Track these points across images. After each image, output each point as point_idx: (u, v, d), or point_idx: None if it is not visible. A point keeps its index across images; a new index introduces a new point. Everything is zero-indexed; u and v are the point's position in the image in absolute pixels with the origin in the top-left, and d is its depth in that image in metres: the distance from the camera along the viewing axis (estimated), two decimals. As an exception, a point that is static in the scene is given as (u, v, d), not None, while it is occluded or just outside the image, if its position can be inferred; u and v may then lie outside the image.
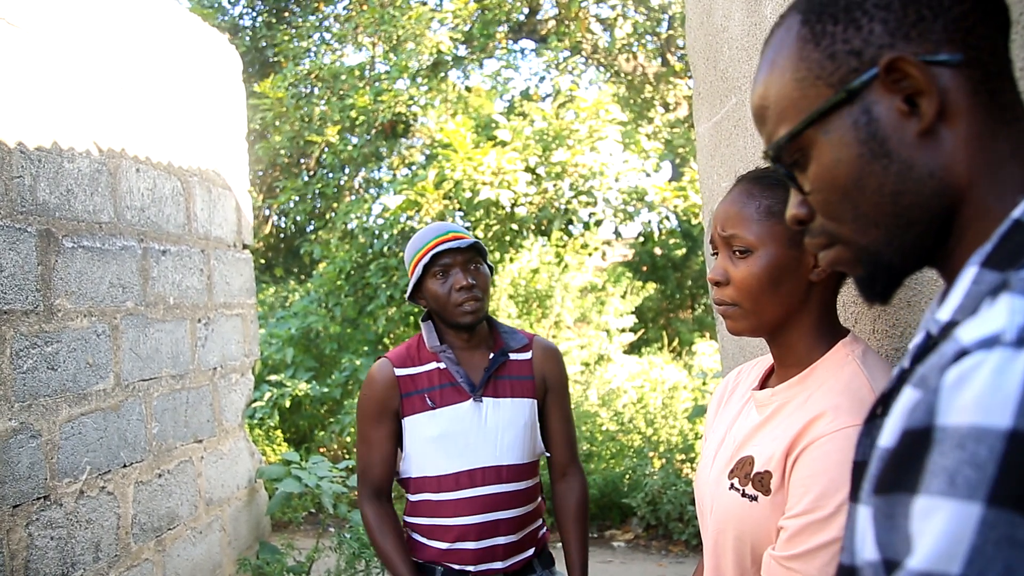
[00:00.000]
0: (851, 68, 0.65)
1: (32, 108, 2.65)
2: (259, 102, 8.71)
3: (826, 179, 0.68)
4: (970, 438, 0.47)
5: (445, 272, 1.84)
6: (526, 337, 1.97)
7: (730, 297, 1.10)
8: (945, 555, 0.46)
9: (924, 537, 0.48)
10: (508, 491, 1.83)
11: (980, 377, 0.48)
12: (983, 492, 0.46)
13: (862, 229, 0.68)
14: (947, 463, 0.48)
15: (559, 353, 2.01)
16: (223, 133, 4.20)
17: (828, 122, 0.67)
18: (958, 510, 0.46)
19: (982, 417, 0.47)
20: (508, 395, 1.87)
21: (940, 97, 0.62)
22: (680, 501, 4.78)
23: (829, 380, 1.05)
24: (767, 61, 0.72)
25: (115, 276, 3.04)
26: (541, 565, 1.93)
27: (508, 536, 1.84)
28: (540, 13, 11.09)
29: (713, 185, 1.95)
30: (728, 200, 1.11)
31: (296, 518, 4.98)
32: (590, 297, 7.68)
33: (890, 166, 0.65)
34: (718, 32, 1.86)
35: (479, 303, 1.84)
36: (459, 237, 1.86)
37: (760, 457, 1.07)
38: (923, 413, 0.51)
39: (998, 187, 0.63)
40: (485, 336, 1.94)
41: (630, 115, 9.19)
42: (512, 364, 1.91)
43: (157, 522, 3.23)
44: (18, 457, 2.46)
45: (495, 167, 6.77)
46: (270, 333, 7.55)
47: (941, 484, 0.48)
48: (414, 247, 1.90)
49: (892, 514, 0.52)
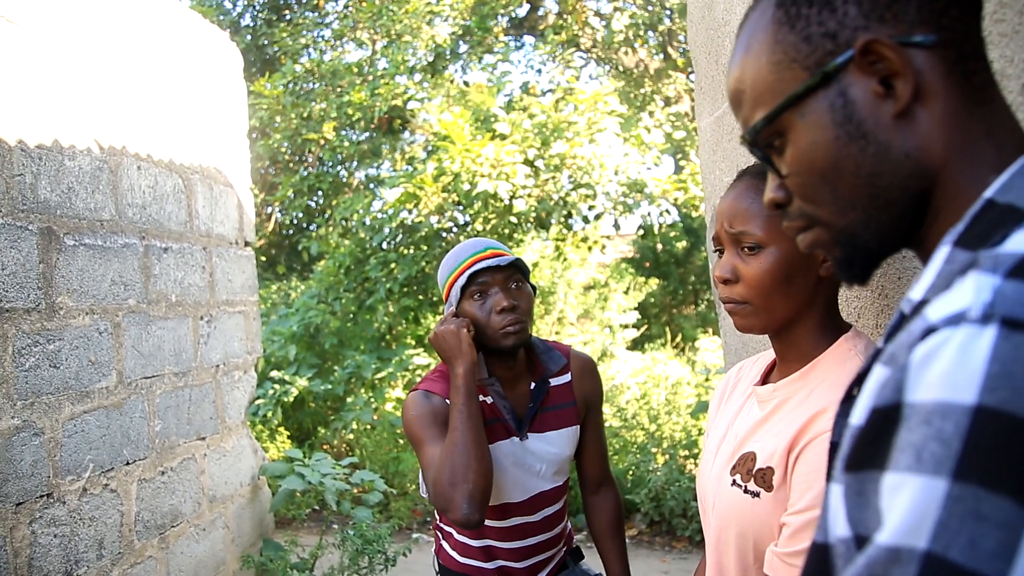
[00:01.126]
0: (827, 51, 0.65)
1: (33, 106, 2.64)
2: (257, 101, 8.71)
3: (803, 162, 0.69)
4: (936, 414, 0.48)
5: (483, 293, 1.69)
6: (563, 354, 1.86)
7: (740, 295, 1.08)
8: (912, 529, 0.47)
9: (892, 512, 0.49)
10: (547, 515, 1.81)
11: (946, 354, 0.49)
12: (948, 467, 0.46)
13: (840, 211, 0.68)
14: (914, 439, 0.49)
15: (595, 367, 1.92)
16: (224, 130, 4.20)
17: (804, 105, 0.67)
18: (924, 485, 0.47)
19: (948, 393, 0.48)
20: (553, 427, 1.79)
21: (915, 79, 0.63)
22: (683, 497, 4.78)
23: (831, 375, 1.04)
24: (742, 45, 0.72)
25: (117, 274, 3.03)
26: (572, 560, 1.92)
27: (546, 552, 1.83)
28: (540, 10, 11.07)
29: (715, 180, 1.94)
30: (733, 196, 1.09)
31: (299, 515, 4.99)
32: (593, 293, 7.68)
33: (867, 148, 0.65)
34: (720, 26, 1.85)
35: (523, 324, 1.68)
36: (498, 254, 1.71)
37: (762, 453, 1.07)
38: (891, 390, 0.52)
39: (972, 167, 0.64)
40: (524, 361, 1.81)
41: (631, 109, 9.16)
42: (554, 391, 1.81)
43: (160, 519, 3.24)
44: (21, 455, 2.47)
45: (493, 159, 6.75)
46: (272, 330, 7.55)
47: (908, 460, 0.49)
48: (448, 267, 1.75)
49: (863, 491, 0.53)
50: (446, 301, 1.75)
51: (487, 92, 8.07)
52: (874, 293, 1.29)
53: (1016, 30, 0.93)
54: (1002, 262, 0.52)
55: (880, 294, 1.27)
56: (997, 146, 0.64)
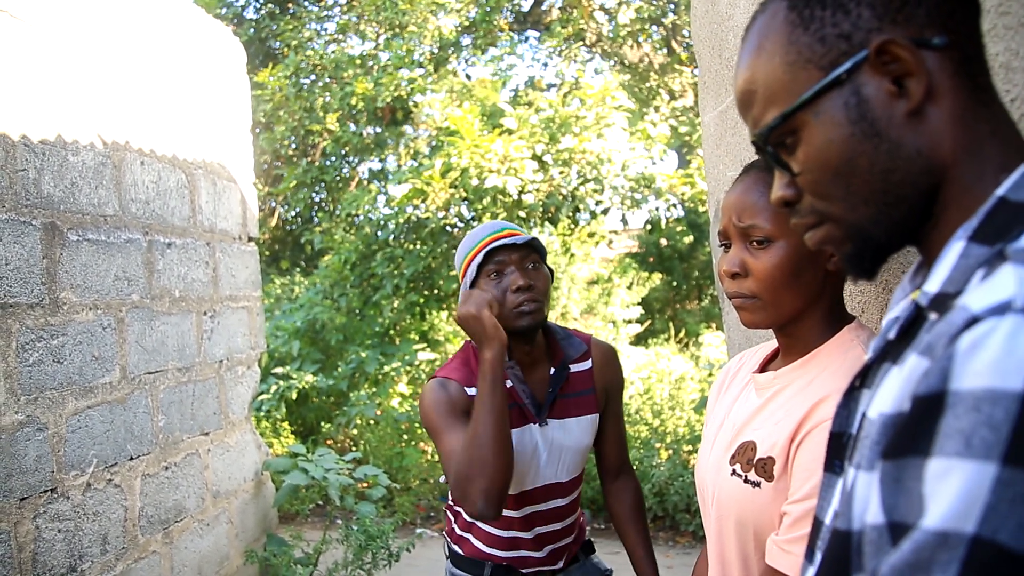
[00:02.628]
0: (841, 51, 0.67)
1: (36, 101, 2.64)
2: (262, 92, 8.69)
3: (818, 159, 0.70)
4: (985, 400, 0.49)
5: (500, 272, 1.67)
6: (583, 341, 1.84)
7: (749, 289, 1.07)
8: (961, 514, 0.48)
9: (938, 497, 0.49)
10: (563, 504, 1.81)
11: (994, 342, 0.50)
12: (998, 452, 0.48)
13: (852, 207, 0.70)
14: (962, 425, 0.50)
15: (617, 355, 1.90)
16: (227, 125, 4.20)
17: (819, 104, 0.69)
18: (974, 470, 0.48)
19: (997, 380, 0.49)
20: (573, 414, 1.77)
21: (928, 78, 0.65)
22: (687, 492, 4.78)
23: (833, 364, 1.04)
24: (751, 47, 0.74)
25: (120, 269, 3.04)
26: (584, 553, 1.92)
27: (561, 541, 1.83)
28: (544, 3, 11.04)
29: (719, 174, 1.93)
30: (741, 190, 1.08)
31: (303, 510, 5.00)
32: (596, 288, 7.67)
33: (880, 145, 0.67)
34: (723, 20, 1.84)
35: (538, 304, 1.67)
36: (514, 234, 1.70)
37: (762, 443, 1.06)
38: (935, 379, 0.53)
39: (979, 166, 0.66)
40: (543, 345, 1.79)
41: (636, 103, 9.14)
42: (574, 378, 1.80)
43: (164, 514, 3.24)
44: (25, 450, 2.47)
45: (502, 154, 6.75)
46: (276, 326, 7.56)
47: (957, 446, 0.49)
48: (465, 247, 1.74)
49: (901, 478, 0.54)
50: (462, 281, 1.74)
51: (491, 86, 8.05)
52: (878, 287, 1.29)
53: (1022, 23, 0.92)
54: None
55: (884, 288, 1.27)
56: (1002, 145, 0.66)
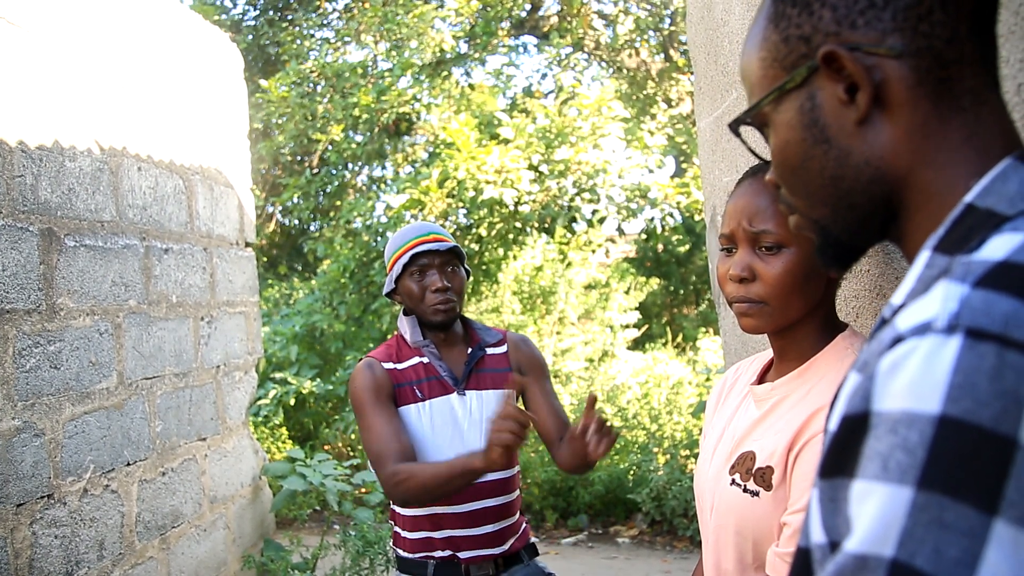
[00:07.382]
0: (800, 54, 0.66)
1: (33, 107, 2.65)
2: (263, 97, 8.71)
3: (779, 156, 0.71)
4: (901, 423, 0.49)
5: (422, 272, 1.89)
6: (500, 333, 2.04)
7: (757, 295, 1.06)
8: (879, 538, 0.47)
9: (860, 520, 0.49)
10: (493, 480, 1.86)
11: (911, 364, 0.50)
12: (913, 476, 0.47)
13: (811, 205, 0.71)
14: (881, 447, 0.49)
15: (531, 341, 2.09)
16: (225, 131, 4.20)
17: (782, 103, 0.69)
18: (890, 494, 0.48)
19: (913, 403, 0.49)
20: (490, 387, 1.93)
21: (874, 90, 0.63)
22: (685, 497, 4.77)
23: (830, 373, 1.04)
24: (749, 35, 0.74)
25: (117, 275, 3.04)
26: (528, 555, 1.97)
27: (495, 524, 1.88)
28: (542, 10, 11.06)
29: (715, 180, 1.94)
30: (749, 193, 1.08)
31: (301, 516, 4.99)
32: (594, 293, 7.68)
33: (829, 152, 0.66)
34: (719, 26, 1.85)
35: (452, 304, 1.89)
36: (439, 239, 1.91)
37: (761, 452, 1.06)
38: (860, 399, 0.53)
39: (948, 172, 0.63)
40: (461, 333, 2.00)
41: (633, 112, 9.15)
42: (489, 358, 1.97)
43: (161, 520, 3.24)
44: (22, 456, 2.47)
45: (498, 165, 6.76)
46: (274, 331, 7.55)
47: (875, 468, 0.49)
48: (394, 245, 1.95)
49: (835, 497, 0.53)
50: (388, 273, 1.95)
51: (488, 93, 8.07)
52: (872, 293, 1.29)
53: (1012, 30, 0.93)
54: (972, 270, 0.52)
55: (878, 294, 1.27)
56: (980, 151, 0.63)
